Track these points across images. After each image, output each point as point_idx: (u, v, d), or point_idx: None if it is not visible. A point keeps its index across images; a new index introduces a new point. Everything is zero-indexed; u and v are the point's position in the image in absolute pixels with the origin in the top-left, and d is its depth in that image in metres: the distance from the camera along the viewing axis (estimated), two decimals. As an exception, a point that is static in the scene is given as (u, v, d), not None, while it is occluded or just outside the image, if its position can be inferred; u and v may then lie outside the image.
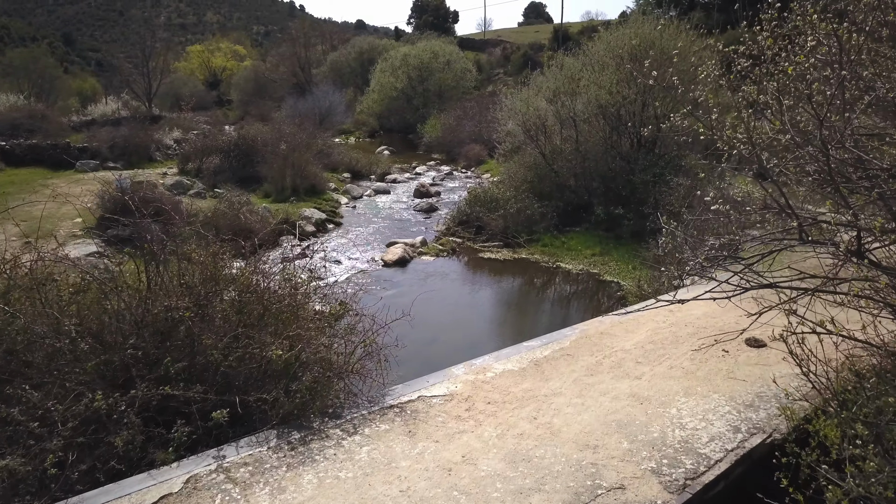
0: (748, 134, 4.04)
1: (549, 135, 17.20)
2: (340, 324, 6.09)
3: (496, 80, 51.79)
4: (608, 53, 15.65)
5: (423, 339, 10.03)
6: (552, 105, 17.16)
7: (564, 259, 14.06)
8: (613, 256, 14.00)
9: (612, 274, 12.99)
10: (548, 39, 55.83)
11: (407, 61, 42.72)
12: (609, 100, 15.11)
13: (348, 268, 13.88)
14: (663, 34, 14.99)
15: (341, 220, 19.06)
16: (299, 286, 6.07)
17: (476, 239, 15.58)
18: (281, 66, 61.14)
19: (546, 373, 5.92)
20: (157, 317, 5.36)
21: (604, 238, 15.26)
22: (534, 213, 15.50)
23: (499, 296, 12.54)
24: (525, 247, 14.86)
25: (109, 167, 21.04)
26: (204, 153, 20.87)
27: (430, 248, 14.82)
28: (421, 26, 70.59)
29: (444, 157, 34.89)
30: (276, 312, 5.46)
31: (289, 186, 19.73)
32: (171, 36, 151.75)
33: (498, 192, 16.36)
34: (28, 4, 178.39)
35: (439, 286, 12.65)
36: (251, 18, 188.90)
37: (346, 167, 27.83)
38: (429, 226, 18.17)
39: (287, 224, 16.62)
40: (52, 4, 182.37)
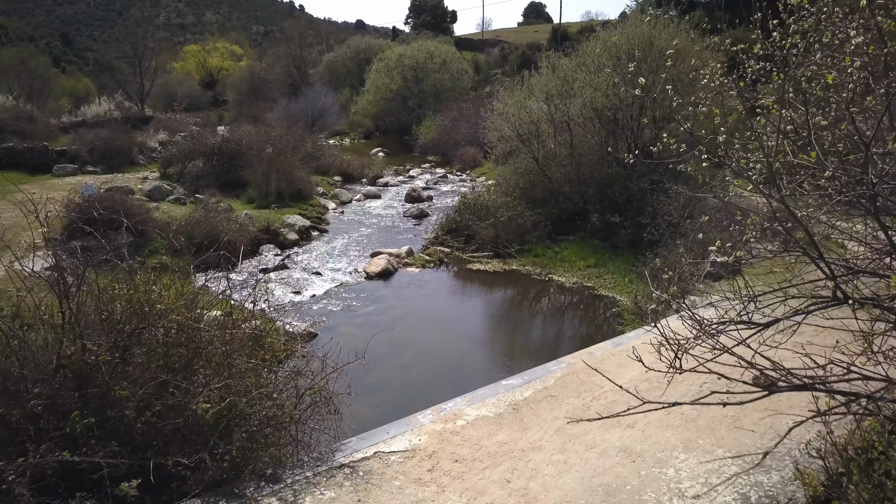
0: (766, 156, 3.28)
1: (542, 139, 16.44)
2: (288, 366, 5.30)
3: (494, 80, 51.00)
4: (604, 54, 14.88)
5: (403, 361, 9.27)
6: (546, 107, 16.38)
7: (557, 271, 13.29)
8: (609, 268, 13.23)
9: (608, 288, 12.22)
10: (546, 39, 55.03)
11: (402, 62, 41.94)
12: (605, 103, 14.34)
13: (329, 280, 13.12)
14: (662, 33, 14.22)
15: (327, 227, 18.30)
16: (243, 321, 5.24)
17: (465, 249, 14.81)
18: (276, 67, 60.39)
19: (525, 420, 5.16)
20: (72, 360, 4.60)
21: (599, 248, 14.49)
22: (526, 221, 14.73)
23: (487, 312, 11.76)
24: (516, 257, 14.10)
25: (88, 171, 20.29)
26: (186, 157, 20.10)
27: (416, 259, 14.05)
28: (419, 26, 69.77)
29: (439, 159, 34.15)
30: (208, 355, 4.69)
31: (273, 192, 18.96)
32: (169, 36, 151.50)
33: (489, 199, 15.58)
34: (27, 4, 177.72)
35: (423, 301, 11.88)
36: (250, 18, 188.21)
37: (338, 170, 27.08)
38: (418, 233, 17.41)
39: (268, 232, 15.86)
40: (51, 4, 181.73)
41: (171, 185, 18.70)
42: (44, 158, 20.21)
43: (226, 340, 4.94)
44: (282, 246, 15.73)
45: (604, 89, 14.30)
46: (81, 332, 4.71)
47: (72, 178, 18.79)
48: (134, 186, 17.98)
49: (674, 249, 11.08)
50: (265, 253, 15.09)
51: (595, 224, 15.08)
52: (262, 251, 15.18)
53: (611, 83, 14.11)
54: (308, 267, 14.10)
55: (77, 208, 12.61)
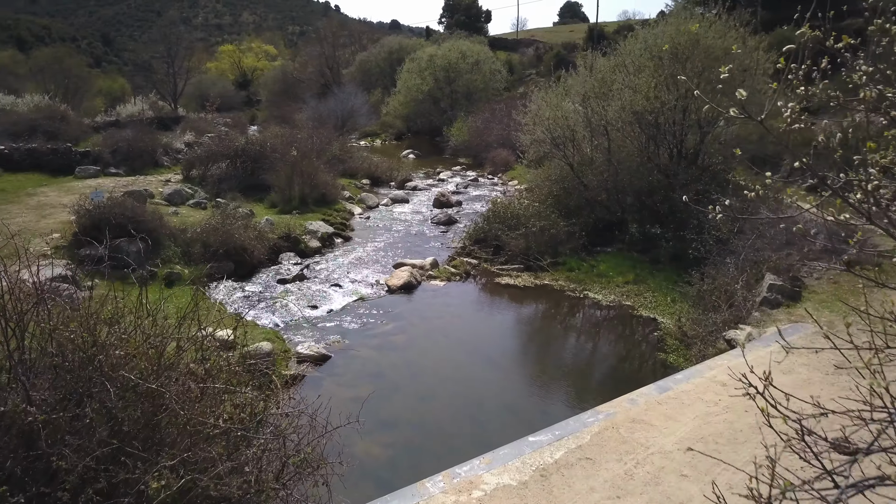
0: None
1: (577, 143, 15.47)
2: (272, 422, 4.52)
3: (528, 81, 49.93)
4: (645, 54, 13.86)
5: (420, 391, 8.45)
6: (582, 109, 15.40)
7: (593, 287, 12.34)
8: (649, 285, 12.23)
9: (648, 307, 11.23)
10: (582, 39, 53.72)
11: (434, 62, 41.16)
12: (646, 106, 13.32)
13: (348, 293, 12.36)
14: (708, 32, 13.15)
15: (351, 233, 17.58)
16: (216, 371, 4.47)
17: (494, 260, 13.94)
18: (309, 67, 60.19)
19: (555, 491, 4.29)
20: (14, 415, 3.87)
21: (638, 261, 13.49)
22: (559, 232, 13.79)
23: (515, 335, 10.85)
24: (549, 271, 13.18)
25: (111, 173, 19.91)
26: (209, 159, 19.60)
27: (441, 272, 13.22)
28: (452, 26, 68.90)
29: (470, 161, 33.36)
30: (171, 416, 3.92)
31: (296, 196, 18.33)
32: (207, 36, 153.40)
33: (520, 207, 14.67)
34: (70, 5, 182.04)
35: (446, 320, 11.03)
36: (286, 19, 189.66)
37: (366, 173, 26.44)
38: (445, 241, 16.59)
39: (288, 240, 15.19)
40: (94, 5, 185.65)
41: (192, 188, 18.19)
42: (67, 160, 19.89)
43: (195, 397, 4.16)
44: (302, 254, 15.05)
45: (644, 91, 13.28)
46: (28, 379, 3.98)
47: (93, 181, 18.41)
48: (154, 189, 17.50)
49: (723, 269, 10.07)
50: (284, 262, 14.41)
51: (634, 235, 14.10)
52: (282, 260, 14.51)
53: (652, 85, 13.10)
54: (328, 278, 13.38)
55: (87, 215, 12.03)
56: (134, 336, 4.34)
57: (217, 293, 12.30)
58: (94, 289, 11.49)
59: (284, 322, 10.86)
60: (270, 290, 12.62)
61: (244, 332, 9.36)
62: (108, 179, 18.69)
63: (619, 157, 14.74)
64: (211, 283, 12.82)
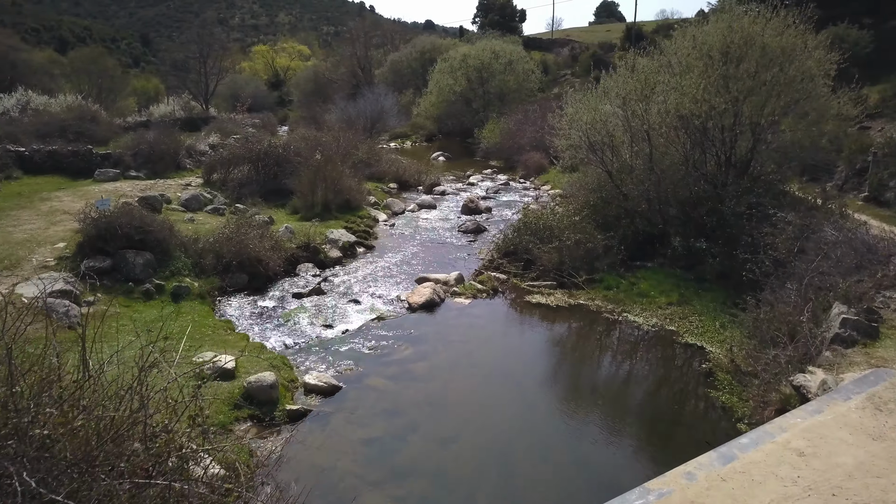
0: None
1: (616, 149, 14.38)
2: None
3: (563, 81, 48.66)
4: (694, 52, 12.72)
5: (440, 434, 7.50)
6: (622, 112, 14.29)
7: (633, 308, 11.27)
8: (695, 307, 11.11)
9: (695, 334, 10.13)
10: (619, 39, 52.18)
11: (466, 62, 40.15)
12: (693, 109, 12.18)
13: (367, 309, 11.50)
14: (765, 28, 11.97)
15: (374, 241, 16.74)
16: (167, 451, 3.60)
17: (524, 275, 12.94)
18: (341, 67, 59.75)
19: None
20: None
21: (681, 279, 12.37)
22: (596, 246, 12.75)
23: (546, 364, 9.81)
24: (584, 288, 12.14)
25: (131, 176, 19.39)
26: (230, 163, 18.96)
27: (466, 288, 12.26)
28: (486, 25, 67.83)
29: (501, 164, 32.39)
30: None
31: (319, 203, 17.54)
32: (243, 36, 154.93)
33: (553, 218, 13.64)
34: (111, 7, 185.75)
35: (471, 345, 10.05)
36: (321, 19, 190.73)
37: (393, 177, 25.61)
38: (473, 251, 15.65)
39: (307, 250, 14.39)
40: (134, 7, 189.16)
41: (211, 193, 17.54)
42: (87, 162, 19.43)
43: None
44: (322, 265, 14.25)
45: (692, 93, 12.16)
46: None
47: (112, 184, 17.88)
48: (172, 194, 16.88)
49: (782, 294, 8.92)
50: (302, 273, 13.63)
51: (677, 250, 12.95)
52: (300, 271, 13.73)
53: (701, 86, 11.97)
54: (346, 291, 12.53)
55: (92, 224, 11.37)
56: (69, 406, 3.48)
57: (228, 308, 11.55)
58: (96, 304, 10.85)
59: (296, 342, 10.03)
60: (285, 305, 11.82)
61: (248, 353, 8.54)
62: (126, 183, 18.16)
63: (662, 165, 13.62)
64: (222, 296, 12.08)
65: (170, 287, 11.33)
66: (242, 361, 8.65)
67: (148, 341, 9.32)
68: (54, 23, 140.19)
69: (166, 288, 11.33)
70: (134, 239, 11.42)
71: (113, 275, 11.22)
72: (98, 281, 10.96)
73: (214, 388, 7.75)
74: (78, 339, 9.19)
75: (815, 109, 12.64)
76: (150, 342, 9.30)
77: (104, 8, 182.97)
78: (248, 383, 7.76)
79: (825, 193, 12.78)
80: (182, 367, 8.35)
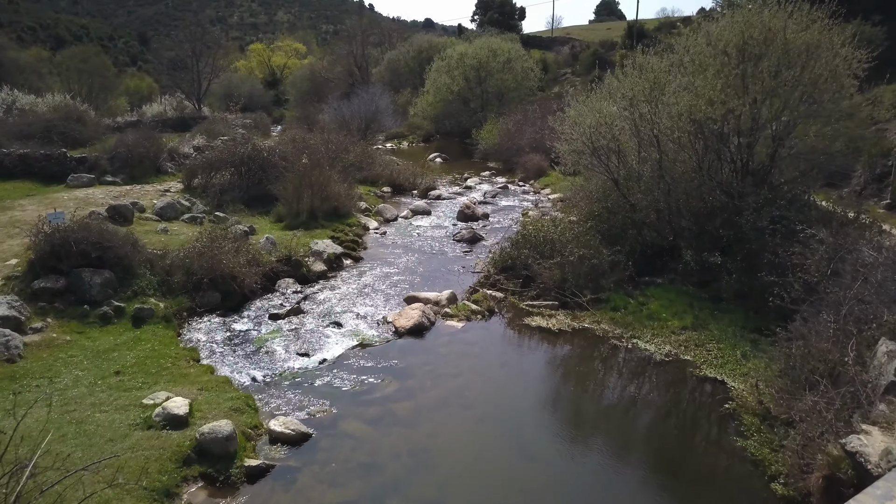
0: None
1: (623, 155, 13.28)
2: None
3: (563, 80, 47.52)
4: (708, 50, 11.61)
5: (426, 494, 6.41)
6: (629, 115, 13.18)
7: (643, 333, 10.16)
8: (712, 332, 10.01)
9: (714, 365, 9.03)
10: (620, 37, 51.01)
11: (464, 60, 38.97)
12: (709, 112, 11.07)
13: (348, 334, 10.40)
14: (788, 23, 10.86)
15: (363, 252, 15.65)
16: None
17: (523, 294, 11.85)
18: (337, 66, 58.54)
19: None
20: None
21: (695, 297, 11.26)
22: (602, 261, 11.65)
23: (547, 402, 8.62)
24: (588, 309, 11.04)
25: (107, 181, 18.29)
26: (212, 167, 17.86)
27: (459, 309, 11.15)
28: (485, 23, 66.62)
29: (500, 166, 31.30)
30: None
31: (305, 210, 16.44)
32: (242, 35, 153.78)
33: (554, 231, 12.54)
34: (110, 6, 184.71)
35: (463, 379, 8.92)
36: (320, 17, 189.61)
37: (387, 180, 24.52)
38: (468, 263, 14.55)
39: (288, 263, 13.30)
40: (133, 5, 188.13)
41: (190, 200, 16.43)
42: (62, 166, 18.34)
43: None
44: (304, 280, 13.17)
45: (707, 95, 11.05)
46: None
47: (84, 190, 16.77)
48: (148, 202, 15.80)
49: (815, 324, 7.82)
50: (282, 290, 12.55)
51: (689, 264, 11.78)
52: (279, 287, 12.65)
53: (717, 87, 10.87)
54: (328, 312, 11.44)
55: (45, 240, 10.27)
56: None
57: (196, 332, 10.45)
58: (44, 331, 9.76)
59: (266, 375, 8.93)
60: (259, 327, 10.73)
61: (207, 392, 7.42)
62: (100, 189, 17.06)
63: (673, 173, 12.53)
64: (191, 318, 10.99)
65: (130, 309, 10.23)
66: (200, 403, 7.56)
67: (96, 378, 8.29)
68: (51, 21, 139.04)
69: (127, 310, 10.23)
70: (91, 256, 10.33)
71: (67, 296, 10.13)
72: (49, 304, 9.90)
73: (161, 440, 6.66)
74: (13, 376, 8.13)
75: (839, 111, 11.56)
76: (100, 378, 8.27)
77: (102, 6, 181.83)
78: (201, 434, 6.67)
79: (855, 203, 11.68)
80: (128, 413, 7.30)
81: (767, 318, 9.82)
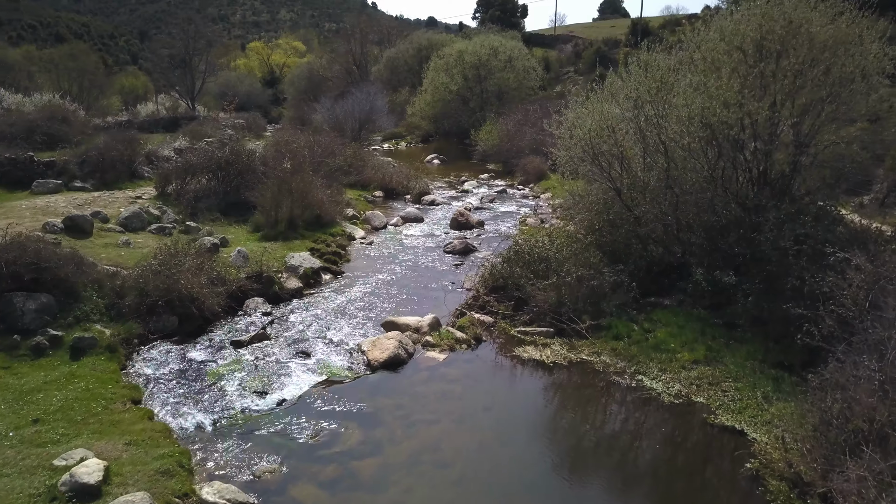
0: None
1: (626, 162, 12.06)
2: None
3: (565, 79, 46.28)
4: (722, 46, 10.37)
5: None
6: (633, 117, 11.95)
7: (649, 368, 8.94)
8: (727, 366, 8.79)
9: (731, 409, 7.81)
10: (624, 35, 49.72)
11: (463, 58, 37.73)
12: (724, 115, 9.82)
13: (314, 368, 9.19)
14: (812, 14, 9.62)
15: (345, 265, 14.46)
16: None
17: (515, 318, 10.63)
18: (335, 64, 57.34)
19: None
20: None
21: (707, 323, 10.03)
22: (603, 283, 10.43)
23: (534, 459, 7.28)
24: (588, 337, 9.82)
25: (75, 187, 17.11)
26: (187, 172, 16.67)
27: (441, 337, 9.91)
28: (486, 21, 65.35)
29: (500, 167, 30.16)
30: None
31: (283, 219, 15.24)
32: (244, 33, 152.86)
33: (550, 247, 11.32)
34: (112, 3, 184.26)
35: (442, 428, 7.66)
36: (323, 16, 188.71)
37: (379, 184, 23.32)
38: (458, 278, 13.37)
39: (259, 280, 12.12)
40: (135, 3, 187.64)
41: (161, 208, 15.24)
42: (28, 172, 17.16)
43: None
44: (276, 299, 11.98)
45: (722, 96, 9.81)
46: None
47: (48, 197, 15.58)
48: (114, 210, 14.61)
49: (853, 369, 6.58)
50: (250, 310, 11.36)
51: (699, 284, 10.54)
52: (248, 308, 11.45)
53: (735, 88, 9.63)
54: (297, 338, 10.24)
55: (-28, 260, 9.09)
56: None
57: (144, 364, 9.25)
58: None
59: (214, 421, 7.73)
60: (218, 357, 9.53)
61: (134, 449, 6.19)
62: (64, 196, 15.86)
63: (682, 182, 11.30)
64: (143, 345, 9.80)
65: (69, 339, 9.04)
66: (123, 463, 6.36)
67: (8, 428, 7.09)
68: (51, 19, 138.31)
69: (65, 340, 9.04)
70: (23, 279, 9.15)
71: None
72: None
73: (63, 519, 5.48)
74: None
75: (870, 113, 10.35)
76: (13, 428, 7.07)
77: (104, 4, 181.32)
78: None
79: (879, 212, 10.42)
80: (33, 478, 6.12)
81: (791, 351, 8.65)
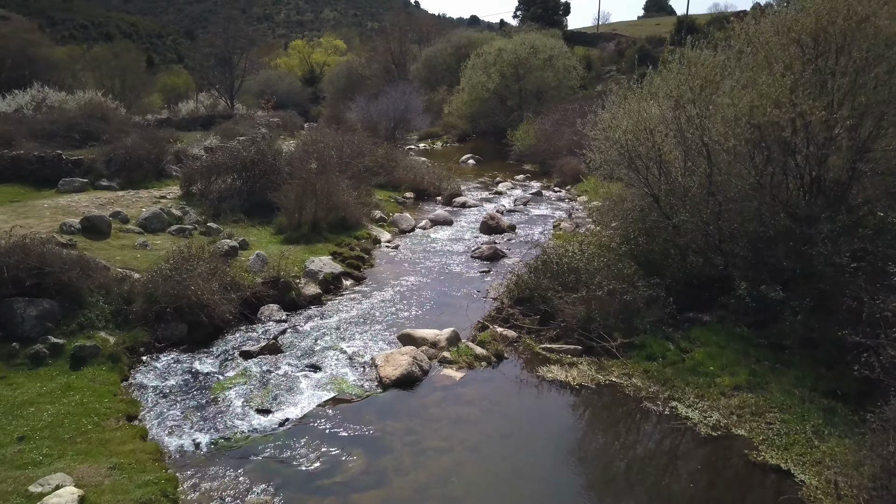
0: None
1: (665, 166, 11.21)
2: None
3: (607, 78, 45.05)
4: (776, 39, 9.46)
5: None
6: (673, 118, 11.09)
7: (685, 394, 8.14)
8: (773, 395, 7.93)
9: (775, 445, 6.97)
10: (669, 33, 48.23)
11: (501, 57, 36.94)
12: (775, 115, 8.92)
13: (324, 383, 8.63)
14: (880, 8, 8.66)
15: (369, 270, 13.93)
16: None
17: (541, 333, 9.90)
18: (374, 63, 57.12)
19: None
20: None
21: (751, 343, 9.16)
22: (637, 297, 9.63)
23: (553, 497, 6.64)
24: (619, 357, 9.05)
25: (102, 186, 16.99)
26: (211, 172, 16.37)
27: (460, 353, 9.25)
28: (527, 19, 64.28)
29: (536, 168, 29.44)
30: None
31: (307, 221, 14.80)
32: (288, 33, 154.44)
33: (580, 258, 10.55)
34: (160, 3, 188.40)
35: (454, 457, 6.97)
36: (365, 15, 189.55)
37: (410, 185, 22.78)
38: (483, 287, 12.69)
39: (276, 286, 11.64)
40: (182, 3, 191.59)
41: (183, 209, 14.93)
42: (55, 170, 17.12)
43: None
44: (292, 306, 11.51)
45: (774, 94, 8.91)
46: None
47: (72, 196, 15.43)
48: (136, 210, 14.36)
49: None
50: (264, 318, 10.90)
51: (743, 299, 9.65)
52: (262, 315, 10.99)
53: (787, 85, 8.74)
54: (310, 349, 9.72)
55: (-26, 262, 8.80)
56: None
57: (147, 375, 8.83)
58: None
59: (212, 440, 7.24)
60: (225, 369, 9.07)
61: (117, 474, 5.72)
62: (87, 195, 15.69)
63: (726, 189, 10.41)
64: (148, 354, 9.39)
65: (70, 347, 8.67)
66: (102, 491, 5.88)
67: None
68: (102, 19, 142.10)
69: (66, 348, 8.68)
70: (24, 284, 8.81)
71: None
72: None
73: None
74: None
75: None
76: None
77: (153, 4, 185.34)
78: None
79: None
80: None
81: (846, 378, 7.76)
